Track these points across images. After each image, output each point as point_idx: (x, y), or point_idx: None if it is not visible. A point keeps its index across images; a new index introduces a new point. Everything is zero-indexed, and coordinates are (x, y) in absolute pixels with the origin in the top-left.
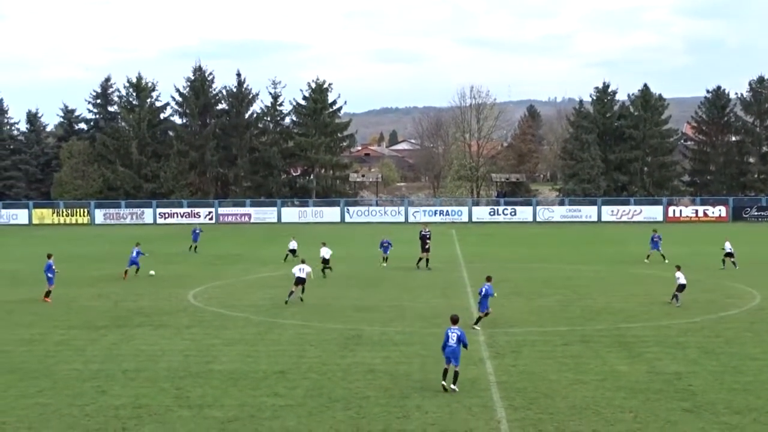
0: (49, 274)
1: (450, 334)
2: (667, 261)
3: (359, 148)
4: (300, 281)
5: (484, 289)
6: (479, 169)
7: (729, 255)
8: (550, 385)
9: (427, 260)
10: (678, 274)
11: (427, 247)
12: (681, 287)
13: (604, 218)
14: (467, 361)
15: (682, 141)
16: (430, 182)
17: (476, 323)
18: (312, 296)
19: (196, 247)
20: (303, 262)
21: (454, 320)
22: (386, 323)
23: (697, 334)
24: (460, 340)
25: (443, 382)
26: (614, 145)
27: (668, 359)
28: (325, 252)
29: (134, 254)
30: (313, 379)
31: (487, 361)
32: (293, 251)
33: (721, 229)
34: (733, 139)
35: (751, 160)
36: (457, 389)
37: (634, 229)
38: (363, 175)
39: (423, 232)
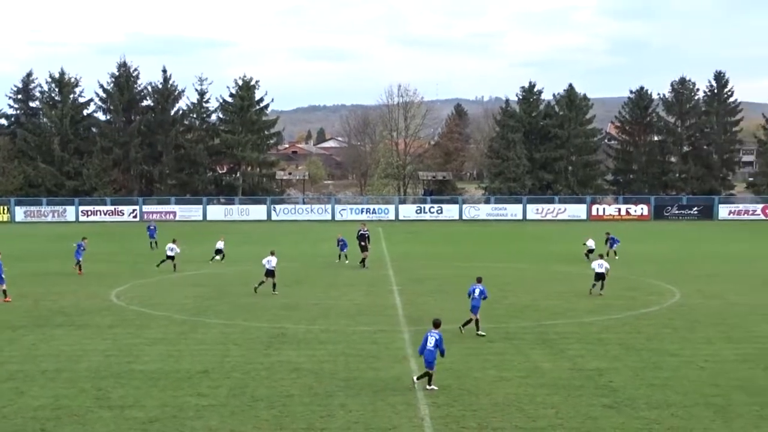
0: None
1: (429, 337)
2: (617, 258)
3: (286, 145)
4: (270, 273)
5: (478, 290)
6: (406, 167)
7: (590, 252)
8: (474, 383)
9: (364, 260)
10: (595, 263)
11: (363, 244)
12: (598, 276)
13: (529, 216)
14: (391, 359)
15: (605, 140)
16: (358, 180)
17: (478, 329)
18: (237, 294)
19: (156, 243)
20: (272, 253)
21: (436, 324)
22: (311, 321)
23: (618, 330)
24: (438, 345)
25: (415, 378)
26: (539, 144)
27: (590, 356)
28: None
29: (78, 247)
30: (236, 379)
31: (411, 358)
32: (219, 251)
33: (643, 227)
34: (656, 138)
35: (673, 159)
36: (435, 388)
37: (558, 227)
38: (290, 173)
39: (361, 232)
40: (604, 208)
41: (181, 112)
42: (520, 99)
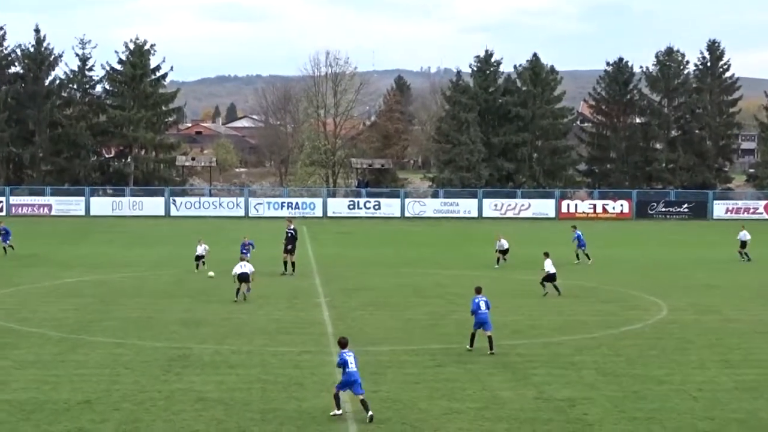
0: None
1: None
2: (590, 261)
3: (189, 125)
4: (243, 278)
5: (483, 303)
6: (336, 153)
7: (504, 252)
8: (420, 416)
9: (293, 264)
10: (546, 262)
11: (290, 247)
12: (550, 276)
13: (485, 213)
14: (318, 387)
15: (578, 122)
16: (277, 168)
17: (491, 347)
18: (128, 306)
19: (11, 247)
20: (242, 259)
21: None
22: (220, 340)
23: (593, 352)
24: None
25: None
26: (498, 126)
27: (560, 383)
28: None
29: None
30: (127, 410)
31: None
32: (200, 258)
33: (623, 227)
34: (638, 121)
35: (658, 146)
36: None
37: (521, 226)
38: (193, 159)
39: (288, 230)
40: (576, 204)
41: (58, 82)
42: (474, 71)
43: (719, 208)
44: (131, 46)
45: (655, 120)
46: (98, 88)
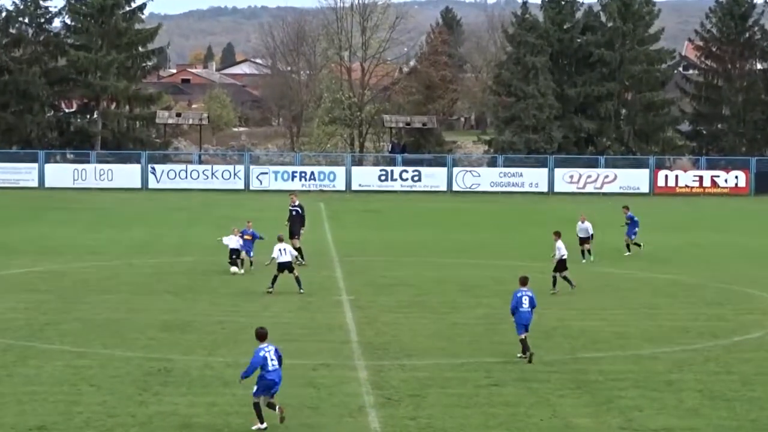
0: None
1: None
2: (642, 248)
3: (173, 71)
4: (284, 266)
5: (527, 300)
6: (364, 109)
7: (586, 240)
8: None
9: (300, 249)
10: (558, 244)
11: (294, 228)
12: (562, 264)
13: (558, 187)
14: (339, 412)
15: (680, 69)
16: (287, 128)
17: (524, 352)
18: (93, 305)
19: None
20: (280, 240)
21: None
22: (211, 350)
23: (698, 369)
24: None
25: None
26: (576, 74)
27: (653, 408)
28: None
29: None
30: None
31: (371, 410)
32: (236, 253)
33: (738, 205)
34: (759, 67)
35: None
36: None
37: (604, 204)
38: (179, 115)
39: (292, 207)
40: (676, 176)
41: (4, 14)
42: (546, 2)
43: None
44: None
45: None
46: (56, 23)
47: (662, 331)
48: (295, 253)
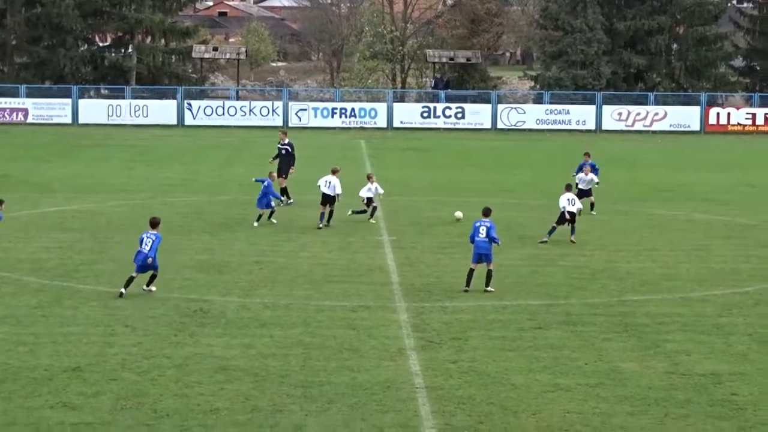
0: None
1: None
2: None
3: (210, 3)
4: (327, 200)
5: (484, 229)
6: (407, 43)
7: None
8: (513, 394)
9: (285, 191)
10: (567, 197)
11: (285, 169)
12: (569, 217)
13: (606, 125)
14: (379, 355)
15: (734, 2)
16: (327, 63)
17: (487, 284)
18: (129, 247)
19: None
20: (334, 172)
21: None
22: (249, 291)
23: (747, 312)
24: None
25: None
26: (625, 6)
27: (700, 352)
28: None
29: None
30: (127, 381)
31: (411, 353)
32: (370, 202)
33: None
34: None
35: None
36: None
37: (653, 143)
38: (215, 49)
39: (281, 145)
40: (728, 113)
41: None
42: None
43: None
44: None
45: None
46: None
47: (712, 273)
48: (340, 190)
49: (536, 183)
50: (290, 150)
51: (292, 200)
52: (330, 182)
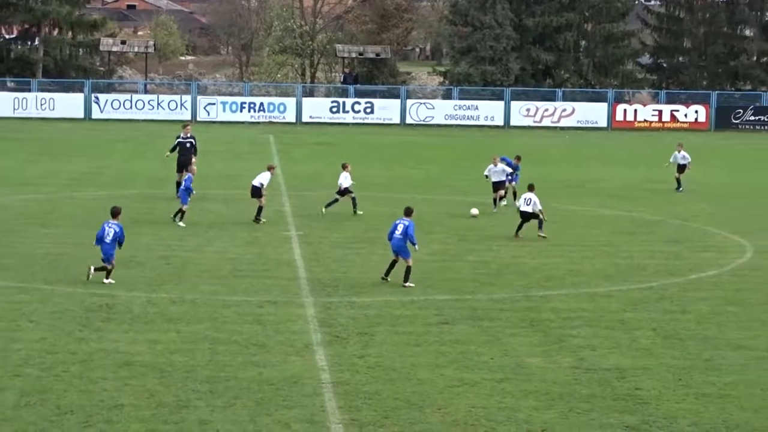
0: None
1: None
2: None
3: None
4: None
5: (401, 227)
6: (316, 38)
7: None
8: (419, 389)
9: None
10: (525, 197)
11: (182, 159)
12: (529, 216)
13: (514, 121)
14: (285, 350)
15: (642, 0)
16: (236, 57)
17: (406, 279)
18: (34, 241)
19: None
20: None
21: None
22: (155, 286)
23: (652, 307)
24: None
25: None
26: (534, 3)
27: (606, 347)
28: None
29: None
30: (31, 377)
31: (318, 348)
32: (347, 192)
33: (698, 141)
34: None
35: (748, 32)
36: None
37: (560, 139)
38: (124, 42)
39: (183, 138)
40: (635, 110)
41: None
42: None
43: None
44: None
45: None
46: None
47: (618, 268)
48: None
49: (444, 178)
50: (194, 143)
51: (196, 193)
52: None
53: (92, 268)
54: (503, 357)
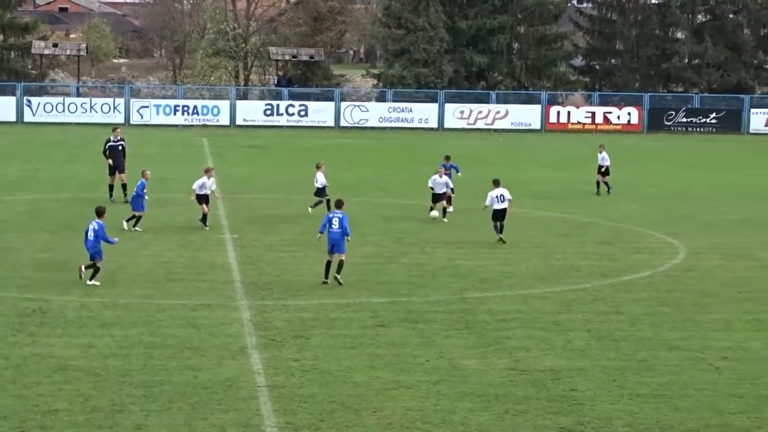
0: None
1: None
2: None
3: None
4: (203, 199)
5: (336, 221)
6: (249, 40)
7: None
8: (355, 391)
9: (124, 185)
10: (495, 193)
11: (112, 163)
12: (499, 214)
13: (448, 123)
14: (220, 353)
15: (574, 2)
16: (169, 59)
17: (338, 271)
18: None
19: None
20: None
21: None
22: (89, 290)
23: (586, 309)
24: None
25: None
26: (467, 6)
27: (540, 348)
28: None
29: None
30: None
31: (253, 351)
32: (322, 192)
33: (631, 142)
34: (653, 1)
35: (680, 35)
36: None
37: (494, 141)
38: (56, 45)
39: (113, 141)
40: (568, 112)
41: None
42: None
43: (758, 119)
44: None
45: (677, 0)
46: None
47: (552, 270)
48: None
49: (378, 181)
50: (124, 145)
51: (128, 197)
52: (205, 183)
53: (83, 267)
54: (439, 359)
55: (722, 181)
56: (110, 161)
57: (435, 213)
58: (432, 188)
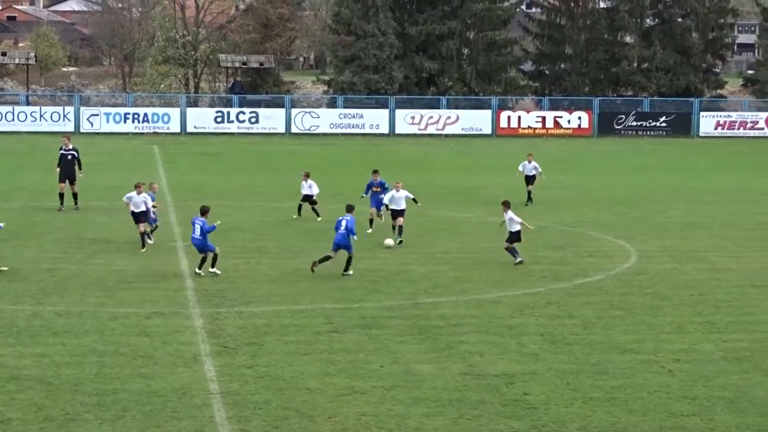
0: None
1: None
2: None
3: None
4: (308, 198)
5: (344, 223)
6: (199, 48)
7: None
8: (309, 398)
9: (75, 195)
10: (509, 214)
11: (72, 175)
12: (515, 236)
13: (399, 129)
14: (173, 361)
15: (522, 7)
16: (118, 67)
17: (346, 269)
18: None
19: None
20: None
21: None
22: (40, 299)
23: (539, 313)
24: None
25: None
26: (417, 12)
27: (494, 353)
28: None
29: None
30: None
31: (207, 359)
32: (309, 199)
33: (581, 147)
34: (602, 5)
35: (628, 39)
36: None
37: (445, 146)
38: (4, 54)
39: (64, 151)
40: (519, 117)
41: None
42: None
43: (707, 122)
44: None
45: (625, 4)
46: None
47: (505, 274)
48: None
49: (330, 187)
50: (76, 155)
51: (79, 206)
52: (139, 198)
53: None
54: (393, 364)
55: (672, 184)
56: (58, 170)
57: (389, 241)
58: (387, 205)
